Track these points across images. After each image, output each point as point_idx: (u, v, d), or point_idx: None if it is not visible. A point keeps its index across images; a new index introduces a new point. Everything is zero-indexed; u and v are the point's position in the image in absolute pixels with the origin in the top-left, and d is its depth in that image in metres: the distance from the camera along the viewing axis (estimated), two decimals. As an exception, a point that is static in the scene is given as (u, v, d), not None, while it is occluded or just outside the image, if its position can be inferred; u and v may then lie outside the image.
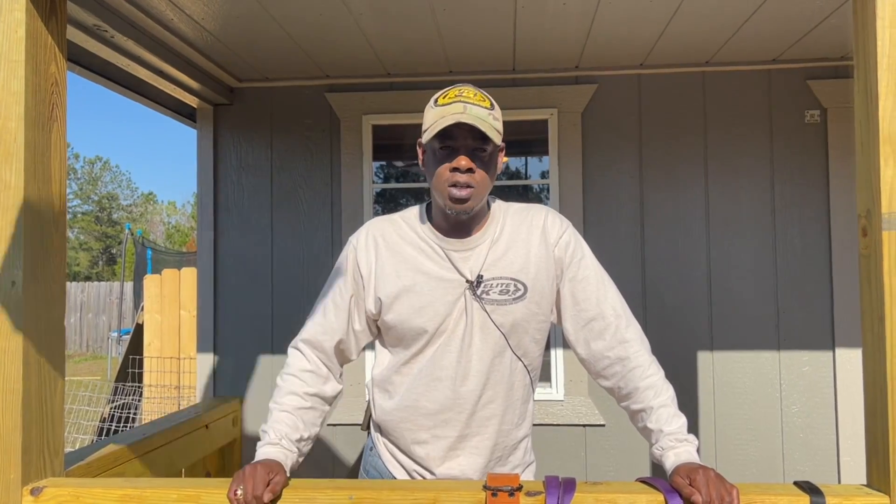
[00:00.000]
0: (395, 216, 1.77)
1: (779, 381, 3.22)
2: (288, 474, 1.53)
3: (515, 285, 1.65)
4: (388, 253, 1.69)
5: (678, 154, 3.31)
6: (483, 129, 1.55)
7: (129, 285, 12.04)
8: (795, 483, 1.49)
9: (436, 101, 1.62)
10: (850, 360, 3.16)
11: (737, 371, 3.24)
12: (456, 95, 1.60)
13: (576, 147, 3.32)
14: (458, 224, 1.67)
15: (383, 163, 3.61)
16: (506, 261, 1.66)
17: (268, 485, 1.44)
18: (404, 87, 3.39)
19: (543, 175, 3.49)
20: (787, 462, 3.20)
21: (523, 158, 3.61)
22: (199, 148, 3.50)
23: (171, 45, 2.86)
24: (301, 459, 1.61)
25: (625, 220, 3.31)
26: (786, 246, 3.24)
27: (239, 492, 1.42)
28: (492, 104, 1.62)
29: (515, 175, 3.64)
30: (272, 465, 1.49)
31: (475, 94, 1.61)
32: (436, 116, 1.58)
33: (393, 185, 3.65)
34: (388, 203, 3.61)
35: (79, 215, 38.63)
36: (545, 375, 3.34)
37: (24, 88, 1.60)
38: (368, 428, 1.85)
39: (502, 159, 1.71)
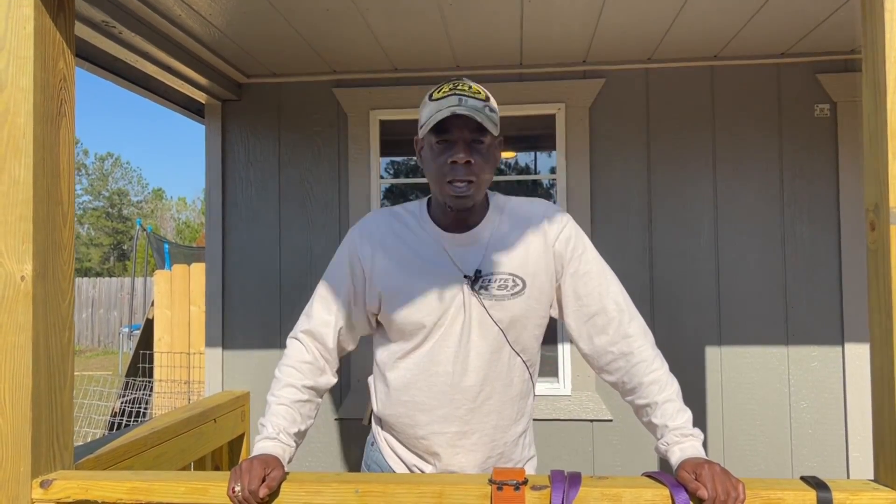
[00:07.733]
0: (397, 208, 1.75)
1: (787, 376, 3.20)
2: (286, 467, 1.53)
3: (514, 280, 1.63)
4: (388, 246, 1.68)
5: (686, 149, 3.29)
6: (479, 119, 1.53)
7: (139, 281, 12.11)
8: (802, 478, 1.48)
9: (431, 95, 1.61)
10: (859, 356, 3.14)
11: (745, 366, 3.23)
12: (451, 89, 1.58)
13: (583, 142, 3.32)
14: (457, 218, 1.66)
15: (391, 158, 3.62)
16: (504, 256, 1.65)
17: (263, 480, 1.44)
18: (411, 83, 3.38)
19: (551, 170, 3.49)
20: (795, 457, 3.19)
21: (531, 153, 3.60)
22: (208, 143, 3.52)
23: (178, 40, 2.87)
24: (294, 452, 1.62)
25: (632, 214, 3.31)
26: (794, 240, 3.22)
27: (237, 488, 1.42)
28: (487, 96, 1.61)
29: (523, 170, 3.63)
30: (269, 460, 1.49)
31: (470, 87, 1.59)
32: (432, 110, 1.57)
33: (401, 180, 3.66)
34: (396, 198, 3.62)
35: (89, 211, 38.83)
36: (552, 370, 3.34)
37: (32, 84, 1.61)
38: (370, 422, 1.85)
39: (501, 152, 1.69)
